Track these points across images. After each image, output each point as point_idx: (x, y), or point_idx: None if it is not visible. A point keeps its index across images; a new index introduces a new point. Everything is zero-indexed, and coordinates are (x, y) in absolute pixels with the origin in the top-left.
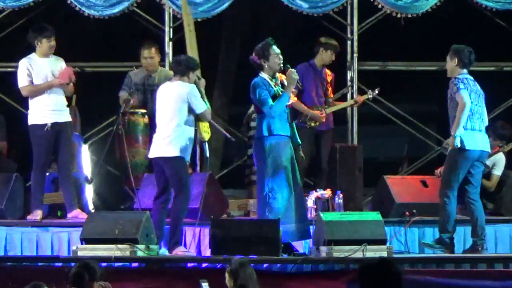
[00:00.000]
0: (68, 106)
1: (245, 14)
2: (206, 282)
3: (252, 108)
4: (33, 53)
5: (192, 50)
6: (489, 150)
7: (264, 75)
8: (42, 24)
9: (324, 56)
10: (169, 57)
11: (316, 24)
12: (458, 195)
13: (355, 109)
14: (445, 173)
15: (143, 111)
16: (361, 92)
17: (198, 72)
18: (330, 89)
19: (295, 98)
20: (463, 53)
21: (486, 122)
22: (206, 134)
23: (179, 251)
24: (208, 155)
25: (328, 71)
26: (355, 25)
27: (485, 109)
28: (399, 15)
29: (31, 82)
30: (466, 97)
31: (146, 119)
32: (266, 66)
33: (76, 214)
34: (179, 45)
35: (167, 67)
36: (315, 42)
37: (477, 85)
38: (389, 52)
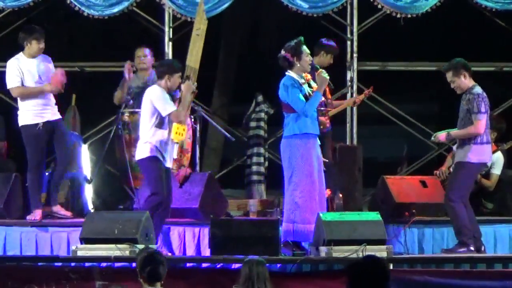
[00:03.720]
0: (68, 106)
1: (245, 15)
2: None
3: (251, 108)
4: (21, 53)
5: (192, 54)
6: None
7: (292, 74)
8: (32, 25)
9: (323, 59)
10: (169, 57)
11: (315, 24)
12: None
13: (354, 109)
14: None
15: None
16: (359, 92)
17: (194, 77)
18: (327, 89)
19: (323, 98)
20: (465, 64)
21: None
22: (177, 136)
23: None
24: (175, 156)
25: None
26: (355, 25)
27: None
28: (398, 15)
29: (22, 82)
30: (483, 127)
31: None
32: (298, 65)
33: (57, 210)
34: (179, 45)
35: None
36: (317, 43)
37: None
38: (388, 52)
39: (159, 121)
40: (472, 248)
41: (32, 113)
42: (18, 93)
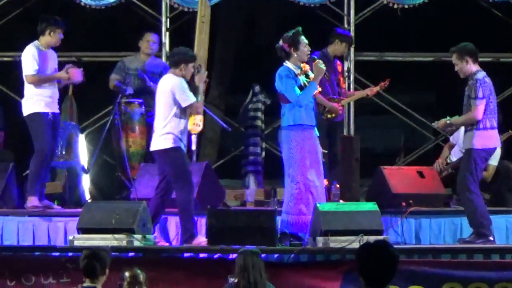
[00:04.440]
0: (65, 95)
1: (242, 5)
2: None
3: (249, 99)
4: (37, 42)
5: (199, 43)
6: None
7: (289, 64)
8: (55, 16)
9: (338, 47)
10: (166, 47)
11: (313, 14)
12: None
13: None
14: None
15: (140, 100)
16: (360, 83)
17: (204, 66)
18: (341, 79)
19: (320, 88)
20: (471, 50)
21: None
22: (195, 127)
23: (199, 241)
24: (193, 148)
25: (338, 61)
26: (352, 16)
27: None
28: (396, 6)
29: (38, 71)
30: (481, 112)
31: (142, 109)
32: (295, 55)
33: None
34: (176, 35)
35: (163, 57)
36: (331, 32)
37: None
38: (386, 43)
39: (180, 111)
40: (491, 239)
41: (44, 101)
42: (34, 80)
